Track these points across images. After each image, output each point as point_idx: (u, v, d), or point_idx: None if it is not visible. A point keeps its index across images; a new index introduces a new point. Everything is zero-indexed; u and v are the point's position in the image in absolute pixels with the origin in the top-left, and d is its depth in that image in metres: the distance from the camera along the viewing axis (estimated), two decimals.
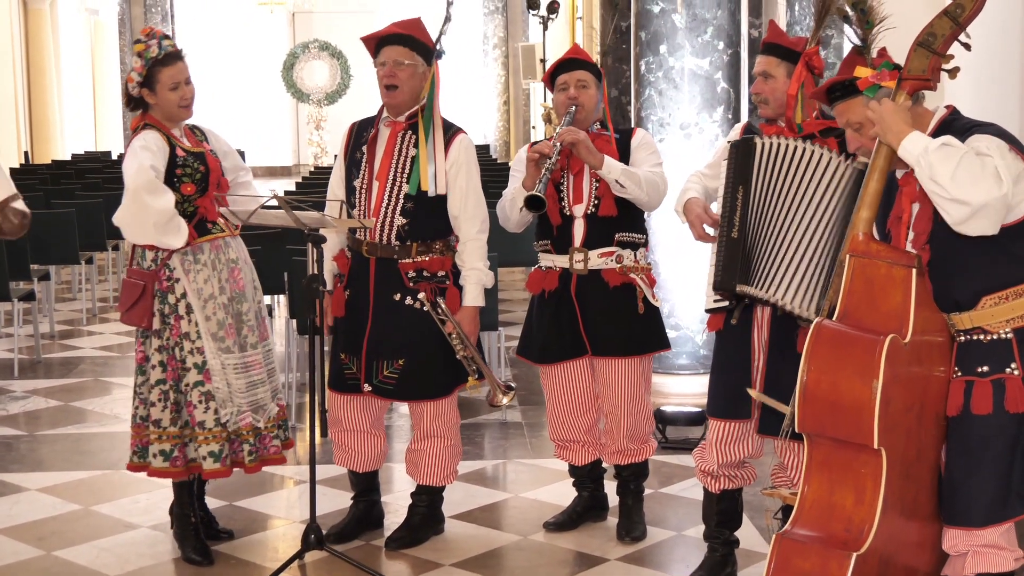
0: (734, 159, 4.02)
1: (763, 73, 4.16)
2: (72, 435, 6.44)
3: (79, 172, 14.07)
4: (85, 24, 21.65)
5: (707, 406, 4.31)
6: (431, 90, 4.56)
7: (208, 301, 4.52)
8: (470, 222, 4.62)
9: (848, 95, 3.43)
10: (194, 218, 4.51)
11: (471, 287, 4.63)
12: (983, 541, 3.35)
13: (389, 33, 4.60)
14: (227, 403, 4.54)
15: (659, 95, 6.80)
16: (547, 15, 17.05)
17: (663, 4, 6.75)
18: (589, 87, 4.64)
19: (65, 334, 9.33)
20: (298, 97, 24.50)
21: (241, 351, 4.59)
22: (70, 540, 4.88)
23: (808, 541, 3.21)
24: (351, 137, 4.74)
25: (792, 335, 4.01)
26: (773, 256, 3.92)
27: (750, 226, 3.93)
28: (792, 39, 4.22)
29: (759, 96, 4.17)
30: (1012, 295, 3.29)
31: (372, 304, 4.61)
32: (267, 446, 4.67)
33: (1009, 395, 3.28)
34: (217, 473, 4.57)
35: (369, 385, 4.63)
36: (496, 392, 4.59)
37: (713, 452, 4.22)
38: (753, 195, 3.94)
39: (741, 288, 3.92)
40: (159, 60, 4.45)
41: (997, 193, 3.11)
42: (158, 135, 4.48)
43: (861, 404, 3.12)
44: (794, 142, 3.94)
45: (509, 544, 4.84)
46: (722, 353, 4.22)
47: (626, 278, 4.63)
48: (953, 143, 3.18)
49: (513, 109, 22.34)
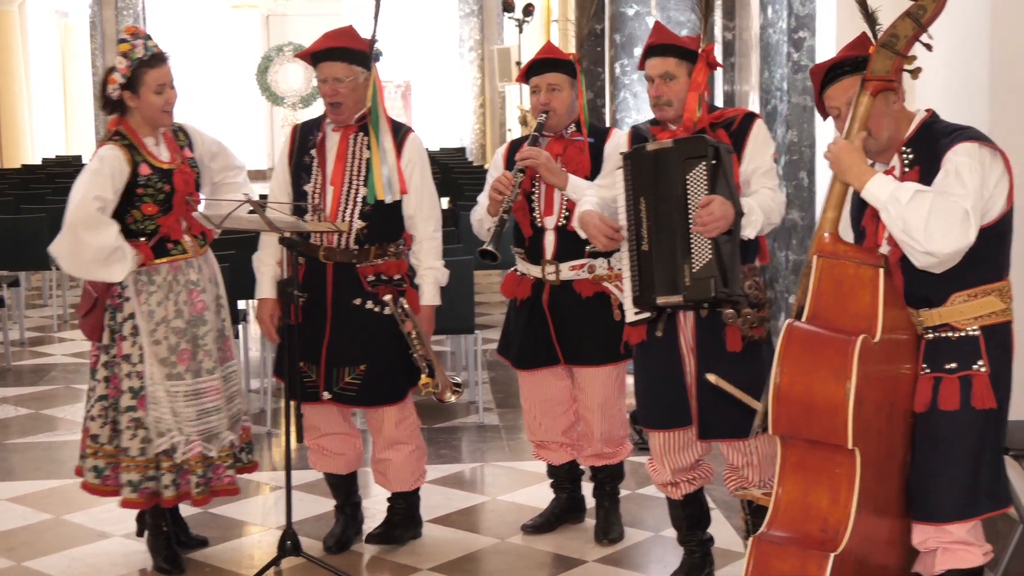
0: (630, 170, 3.95)
1: (664, 75, 4.07)
2: (43, 443, 6.38)
3: (49, 176, 13.97)
4: (55, 26, 21.49)
5: (642, 419, 4.27)
6: (374, 95, 4.52)
7: (160, 325, 4.41)
8: (426, 222, 4.59)
9: (856, 71, 3.40)
10: (154, 237, 4.41)
11: (428, 286, 4.61)
12: (952, 538, 3.37)
13: (322, 48, 4.53)
14: (173, 432, 4.41)
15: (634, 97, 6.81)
16: (522, 18, 17.06)
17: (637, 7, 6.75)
18: (562, 89, 4.60)
19: (35, 341, 9.26)
20: (272, 100, 24.40)
21: (195, 377, 4.47)
22: (41, 550, 4.83)
23: (785, 543, 3.22)
24: (295, 140, 4.67)
25: (719, 335, 3.99)
26: (678, 260, 3.86)
27: (660, 236, 3.87)
28: (684, 38, 4.18)
29: (661, 99, 4.08)
30: (981, 293, 3.32)
31: (330, 310, 4.55)
32: (220, 476, 4.55)
33: (976, 392, 3.31)
34: (134, 503, 4.46)
35: (329, 393, 4.59)
36: (445, 390, 4.59)
37: (663, 463, 4.21)
38: (658, 205, 3.89)
39: (663, 299, 3.88)
40: (145, 61, 4.32)
41: (966, 241, 3.18)
42: (119, 153, 4.33)
43: (835, 405, 3.13)
44: (666, 144, 3.89)
45: (487, 547, 4.83)
46: (651, 364, 4.17)
47: (599, 287, 4.61)
48: (922, 190, 3.20)
49: (489, 112, 22.32)
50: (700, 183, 3.82)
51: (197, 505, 4.59)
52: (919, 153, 3.35)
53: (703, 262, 3.81)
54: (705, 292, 3.82)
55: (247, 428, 4.74)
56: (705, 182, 3.81)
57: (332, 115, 4.55)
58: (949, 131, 3.33)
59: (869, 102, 3.32)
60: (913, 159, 3.36)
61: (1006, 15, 4.25)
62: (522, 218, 4.63)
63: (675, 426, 4.14)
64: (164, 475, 4.44)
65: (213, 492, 4.56)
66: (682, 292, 3.84)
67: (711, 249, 3.80)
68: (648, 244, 3.89)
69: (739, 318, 3.92)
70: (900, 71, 3.31)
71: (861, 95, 3.32)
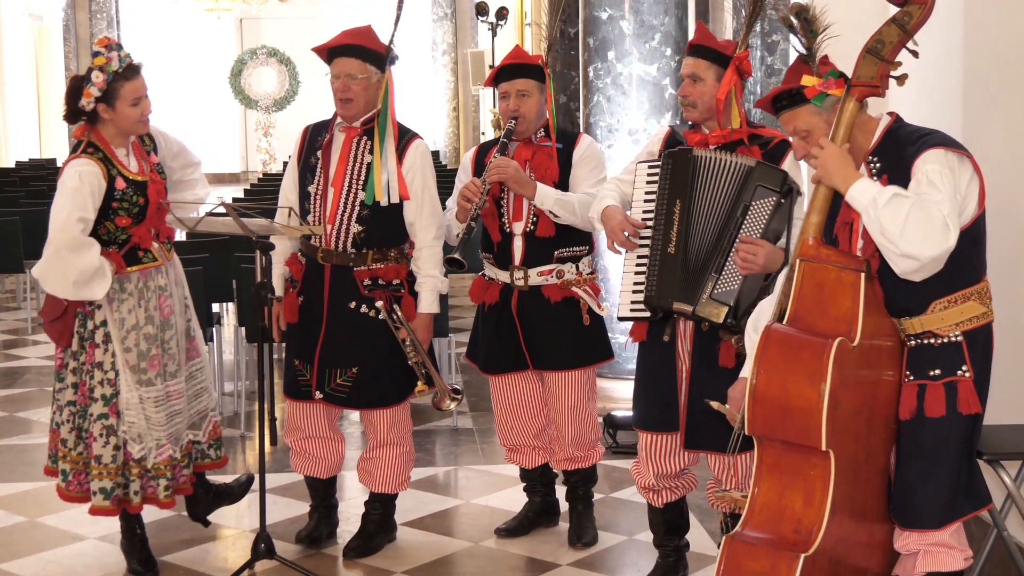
0: (670, 171, 3.96)
1: (692, 76, 4.08)
2: (17, 446, 6.35)
3: (23, 180, 13.89)
4: (29, 29, 21.35)
5: (635, 418, 4.29)
6: (385, 97, 4.53)
7: (131, 332, 4.40)
8: (426, 229, 4.59)
9: (795, 104, 3.45)
10: (125, 247, 4.39)
11: (426, 294, 4.61)
12: (934, 540, 3.38)
13: (340, 44, 4.54)
14: (145, 437, 4.42)
15: (607, 101, 6.83)
16: (496, 21, 17.08)
17: (611, 10, 6.78)
18: (531, 95, 4.59)
19: (9, 344, 9.21)
20: (246, 104, 24.32)
21: (163, 381, 4.47)
22: (15, 552, 4.81)
23: (758, 543, 3.23)
24: (305, 141, 4.69)
25: (715, 348, 4.01)
26: (706, 274, 3.89)
27: (689, 242, 3.89)
28: (721, 42, 4.17)
29: (687, 99, 4.10)
30: (961, 298, 3.32)
31: (326, 312, 4.57)
32: (177, 476, 4.55)
33: (961, 397, 3.31)
34: (104, 511, 4.44)
35: (320, 393, 4.61)
36: (444, 397, 4.60)
37: (648, 465, 4.22)
38: (692, 210, 3.90)
39: (679, 306, 3.89)
40: (121, 74, 4.29)
41: (945, 246, 3.17)
42: (96, 169, 4.28)
43: (809, 407, 3.14)
44: (734, 158, 3.91)
45: (461, 551, 4.84)
46: (648, 364, 4.18)
47: (568, 292, 4.61)
48: (901, 193, 3.21)
49: (463, 115, 22.31)
50: (762, 214, 3.83)
51: (165, 508, 4.58)
52: (885, 161, 3.34)
53: (726, 288, 3.85)
54: (714, 316, 3.87)
55: (216, 423, 4.74)
56: (767, 216, 3.83)
57: (341, 111, 4.55)
58: (915, 138, 3.32)
59: (854, 108, 3.32)
60: (880, 167, 3.35)
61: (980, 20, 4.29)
62: (491, 223, 4.63)
63: (663, 429, 4.14)
64: (134, 481, 4.44)
65: (178, 491, 4.57)
66: (694, 305, 3.86)
67: (739, 281, 3.84)
68: (675, 247, 3.89)
69: (734, 335, 3.94)
70: (886, 77, 3.31)
71: (846, 101, 3.32)
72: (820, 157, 3.33)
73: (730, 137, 4.03)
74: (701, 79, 4.07)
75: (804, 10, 3.45)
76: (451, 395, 4.61)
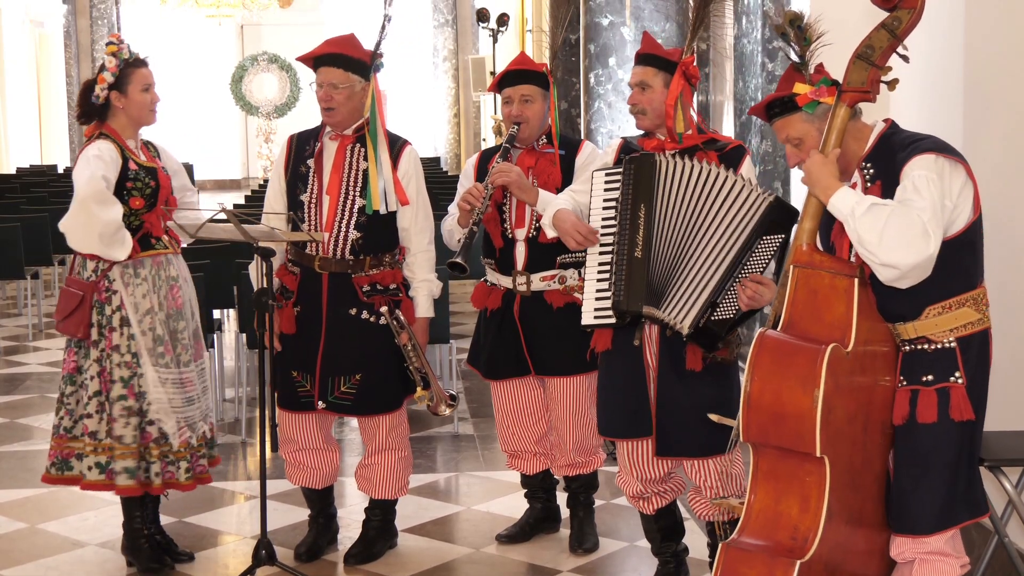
0: (633, 176, 3.94)
1: (640, 83, 4.13)
2: (18, 452, 6.36)
3: (24, 186, 13.92)
4: (30, 36, 21.39)
5: (603, 427, 4.26)
6: (373, 105, 4.54)
7: (146, 315, 4.49)
8: (420, 234, 4.61)
9: (787, 111, 3.46)
10: (139, 232, 4.48)
11: (422, 298, 4.63)
12: (930, 548, 3.37)
13: (322, 53, 4.56)
14: (169, 416, 4.50)
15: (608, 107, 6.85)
16: (497, 27, 17.10)
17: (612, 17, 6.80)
18: (534, 101, 4.61)
19: (10, 350, 9.21)
20: (247, 110, 24.36)
21: (177, 367, 4.55)
22: (16, 559, 4.82)
23: (754, 549, 3.23)
24: (291, 150, 4.68)
25: (681, 351, 4.01)
26: (675, 279, 3.88)
27: (653, 246, 3.88)
28: (668, 50, 4.22)
29: (636, 107, 4.14)
30: (955, 304, 3.32)
31: (325, 320, 4.57)
32: (196, 465, 4.62)
33: (953, 404, 3.30)
34: (128, 490, 4.50)
35: (324, 402, 4.61)
36: (440, 402, 4.60)
37: (632, 472, 4.22)
38: (656, 215, 3.89)
39: (649, 311, 3.89)
40: (131, 62, 4.47)
41: (926, 253, 3.16)
42: (112, 146, 4.44)
43: (803, 413, 3.14)
44: (699, 164, 3.90)
45: (462, 557, 4.84)
46: (615, 371, 4.16)
47: (569, 298, 4.61)
48: (879, 203, 3.21)
49: (463, 121, 22.35)
50: (768, 252, 3.85)
51: (185, 490, 4.63)
52: (879, 167, 3.34)
53: (724, 316, 3.86)
54: (711, 342, 3.88)
55: (211, 424, 4.78)
56: (772, 253, 3.85)
57: (326, 119, 4.57)
58: (907, 143, 3.32)
59: (846, 114, 3.32)
60: (874, 174, 3.35)
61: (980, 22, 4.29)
62: (493, 229, 4.65)
63: (636, 435, 4.13)
64: (154, 463, 4.52)
65: (198, 479, 4.63)
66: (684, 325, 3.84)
67: (736, 311, 3.86)
68: (641, 251, 3.88)
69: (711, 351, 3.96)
70: (876, 82, 3.32)
71: (838, 107, 3.32)
72: (806, 166, 3.34)
73: (685, 143, 4.04)
74: (650, 86, 4.11)
75: (798, 18, 3.47)
76: (447, 401, 4.63)
